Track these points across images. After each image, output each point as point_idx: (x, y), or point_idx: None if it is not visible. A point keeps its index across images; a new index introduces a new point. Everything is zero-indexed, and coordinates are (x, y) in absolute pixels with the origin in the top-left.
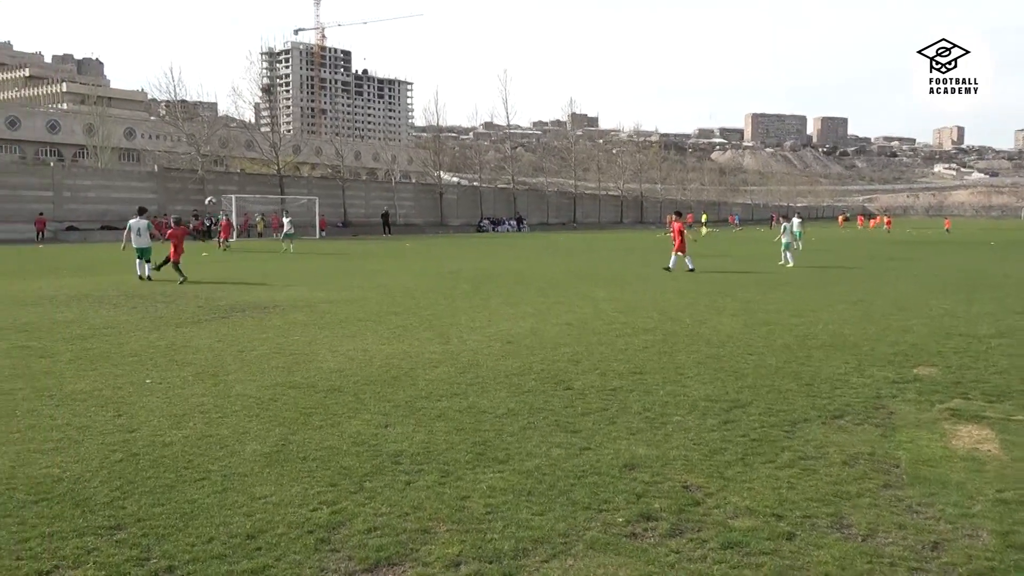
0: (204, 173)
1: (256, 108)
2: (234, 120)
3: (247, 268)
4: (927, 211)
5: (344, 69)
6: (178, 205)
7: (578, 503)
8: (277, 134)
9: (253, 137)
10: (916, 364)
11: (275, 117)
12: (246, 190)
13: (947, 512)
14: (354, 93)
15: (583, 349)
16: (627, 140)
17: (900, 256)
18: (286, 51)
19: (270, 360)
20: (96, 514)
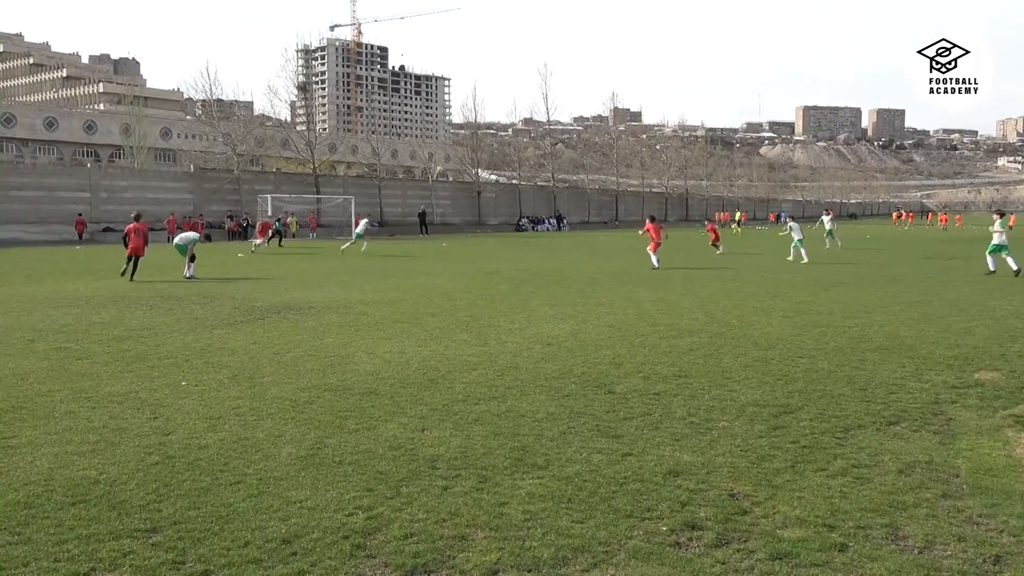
0: (240, 173)
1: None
2: (270, 119)
3: (282, 269)
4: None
5: (380, 66)
6: (214, 205)
7: (620, 511)
8: (313, 132)
9: (289, 136)
10: (977, 368)
11: (311, 115)
12: (282, 190)
13: (1010, 524)
14: (391, 90)
15: (625, 352)
16: (672, 135)
17: (960, 255)
18: (322, 48)
19: (305, 362)
20: (132, 517)
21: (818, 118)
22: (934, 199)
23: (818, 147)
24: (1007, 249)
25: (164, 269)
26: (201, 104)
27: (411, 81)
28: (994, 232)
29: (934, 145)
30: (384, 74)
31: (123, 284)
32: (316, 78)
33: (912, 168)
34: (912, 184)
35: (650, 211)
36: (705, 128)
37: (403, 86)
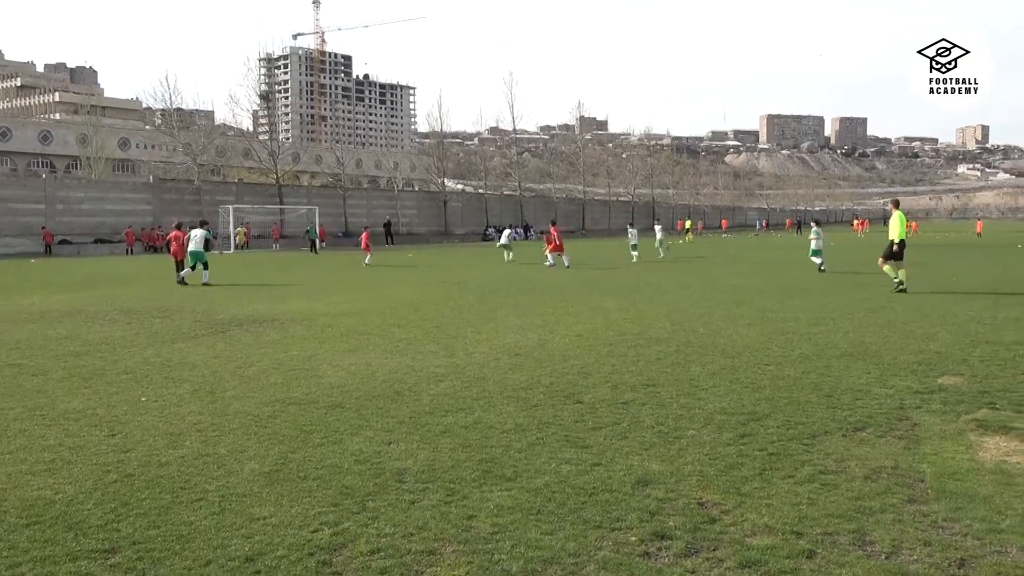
0: (201, 183)
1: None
2: (231, 128)
3: (246, 280)
4: (951, 213)
5: (345, 74)
6: (174, 217)
7: (589, 522)
8: (276, 142)
9: (251, 145)
10: (941, 373)
11: (273, 125)
12: (244, 200)
13: (974, 528)
14: (355, 99)
15: (593, 361)
16: (638, 144)
17: (924, 261)
18: (285, 57)
19: (269, 376)
20: (90, 537)
21: (782, 126)
22: None
23: (782, 155)
24: (819, 253)
25: (122, 281)
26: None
27: (375, 90)
28: (811, 239)
29: (896, 153)
30: (348, 83)
31: (80, 298)
32: (279, 87)
33: (875, 175)
34: (875, 191)
35: (619, 219)
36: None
37: (367, 95)
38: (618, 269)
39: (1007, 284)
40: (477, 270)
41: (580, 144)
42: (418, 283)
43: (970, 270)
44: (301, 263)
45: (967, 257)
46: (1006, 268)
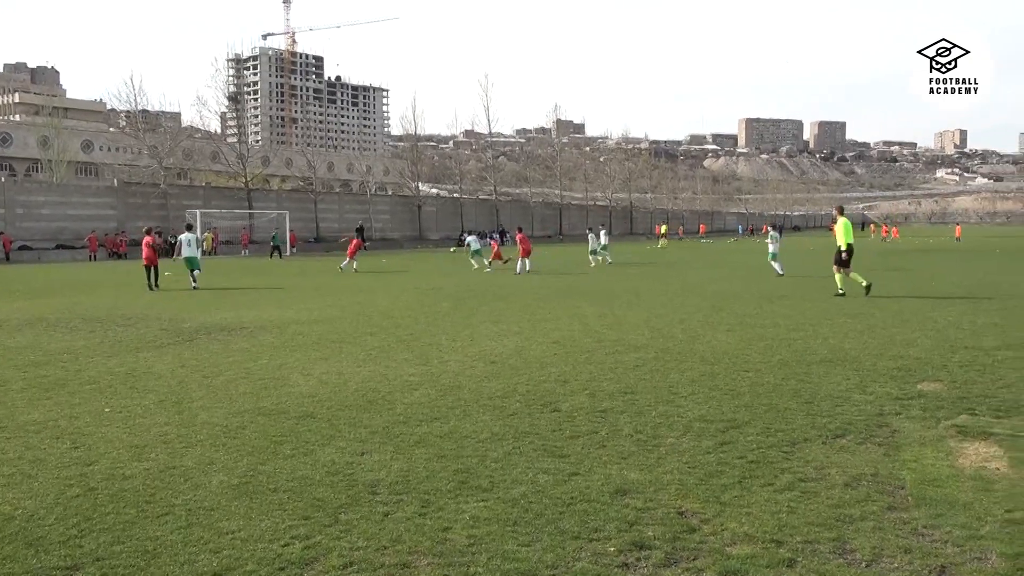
0: (167, 187)
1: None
2: (199, 131)
3: (213, 288)
4: (930, 218)
5: (316, 76)
6: (139, 222)
7: (567, 532)
8: (245, 145)
9: (219, 148)
10: (920, 379)
11: (242, 127)
12: (211, 204)
13: (954, 534)
14: (327, 101)
15: (571, 368)
16: (615, 148)
17: (904, 266)
18: (254, 57)
19: (237, 385)
20: (51, 554)
21: (760, 131)
22: (875, 211)
23: (761, 159)
24: (777, 257)
25: (85, 288)
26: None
27: (348, 92)
28: (768, 243)
29: (875, 157)
30: (320, 84)
31: (40, 306)
32: (248, 88)
33: (854, 180)
34: (854, 196)
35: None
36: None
37: (339, 97)
38: (594, 275)
39: (986, 289)
40: (452, 276)
41: (557, 148)
42: (391, 289)
43: (949, 275)
44: (271, 269)
45: (946, 262)
46: (985, 273)
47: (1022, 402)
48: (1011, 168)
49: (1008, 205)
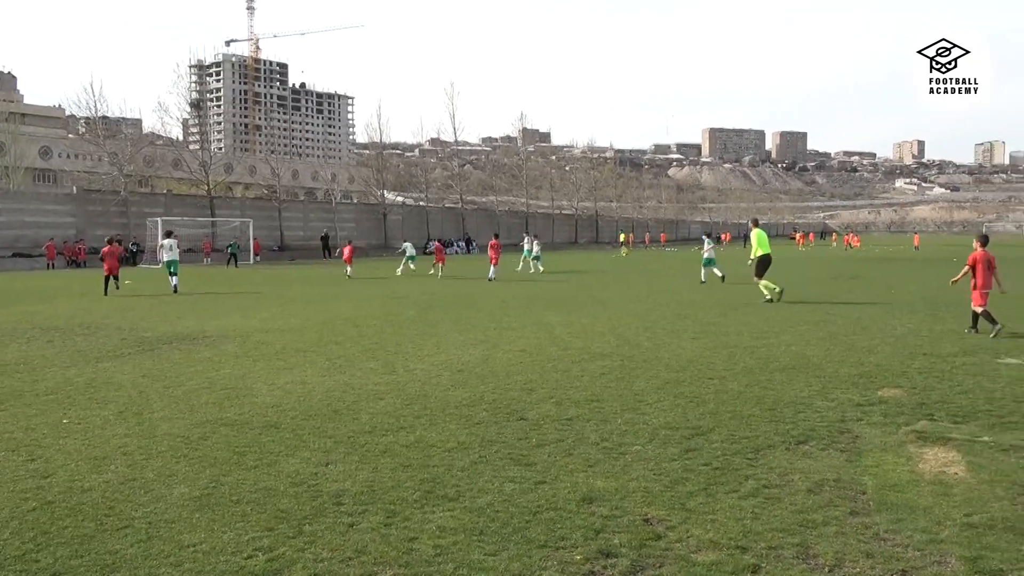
0: (127, 195)
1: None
2: (160, 138)
3: (174, 297)
4: (889, 227)
5: (280, 83)
6: (99, 230)
7: (533, 541)
8: (207, 152)
9: (181, 155)
10: (881, 386)
11: (205, 134)
12: (173, 212)
13: (915, 539)
14: (291, 108)
15: (537, 377)
16: (581, 156)
17: (864, 274)
18: (217, 64)
19: (199, 396)
20: (6, 569)
21: (724, 140)
22: (836, 220)
23: (725, 169)
24: (715, 262)
25: (43, 296)
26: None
27: (312, 99)
28: (704, 250)
29: (835, 167)
30: (284, 92)
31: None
32: (211, 95)
33: (815, 189)
34: (815, 205)
35: (562, 232)
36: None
37: (304, 104)
38: (561, 283)
39: (944, 297)
40: (417, 284)
41: (523, 156)
42: (357, 298)
43: (908, 283)
44: (234, 278)
45: (905, 270)
46: (943, 281)
47: (979, 408)
48: (967, 178)
49: (964, 214)
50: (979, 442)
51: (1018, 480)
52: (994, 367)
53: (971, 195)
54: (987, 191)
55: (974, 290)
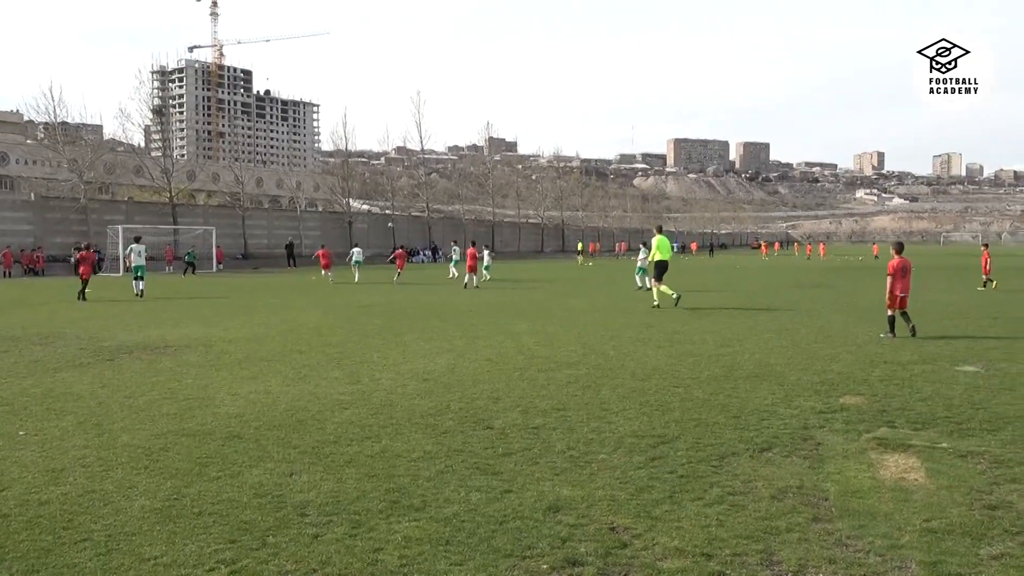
0: (88, 202)
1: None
2: (121, 144)
3: (135, 305)
4: (850, 237)
5: (244, 90)
6: (58, 237)
7: (500, 550)
8: (169, 159)
9: (143, 162)
10: (842, 393)
11: (167, 141)
12: (135, 220)
13: (876, 544)
14: (255, 115)
15: (503, 386)
16: (547, 166)
17: (825, 283)
18: (180, 70)
19: (161, 406)
20: None
21: (688, 150)
22: (799, 229)
23: (689, 179)
24: (643, 271)
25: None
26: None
27: (277, 106)
28: (639, 259)
29: (797, 177)
30: (248, 98)
31: None
32: (173, 101)
33: (778, 199)
34: (778, 215)
35: (528, 242)
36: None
37: (269, 111)
38: (530, 291)
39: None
40: (383, 293)
41: (489, 165)
42: (321, 307)
43: (868, 291)
44: (196, 286)
45: (866, 279)
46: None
47: (938, 414)
48: (925, 189)
49: (923, 224)
50: (938, 448)
51: (976, 486)
52: (952, 374)
53: (929, 205)
54: (945, 202)
55: (892, 294)
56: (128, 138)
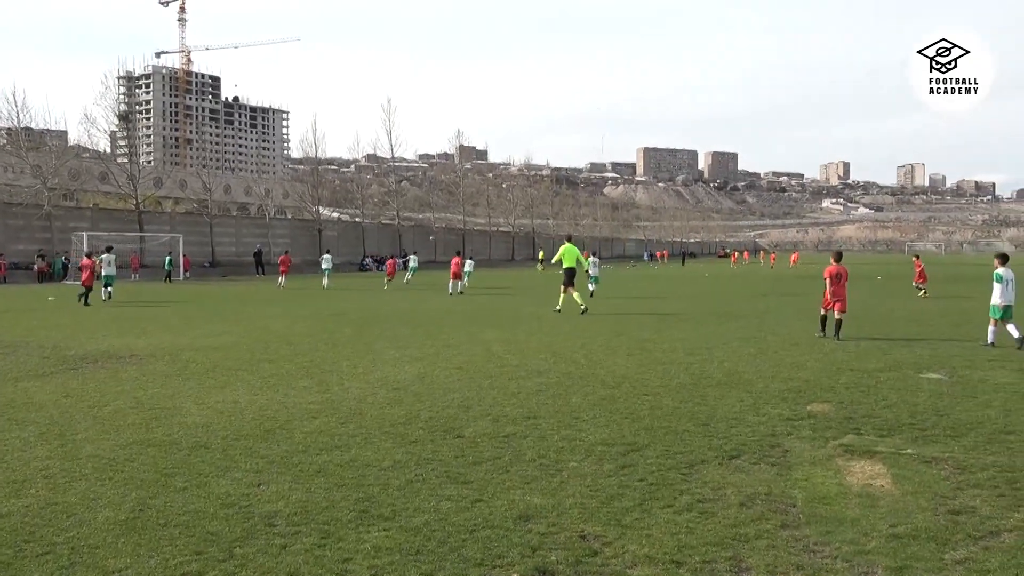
0: (51, 209)
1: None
2: (87, 150)
3: (100, 314)
4: (816, 246)
5: (212, 96)
6: (20, 244)
7: (470, 560)
8: (136, 165)
9: (108, 169)
10: (809, 400)
11: (134, 147)
12: (100, 227)
13: (843, 550)
14: (223, 122)
15: (474, 394)
16: (518, 174)
17: (794, 291)
18: (147, 75)
19: (126, 416)
20: None
21: (658, 160)
22: (766, 238)
23: (659, 188)
24: (597, 280)
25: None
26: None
27: (246, 113)
28: (588, 268)
29: (765, 187)
30: (216, 105)
31: None
32: (140, 107)
33: (745, 208)
34: (746, 224)
35: (499, 250)
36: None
37: (237, 118)
38: (500, 298)
39: (868, 313)
40: (353, 301)
41: (460, 173)
42: (291, 315)
43: None
44: (163, 294)
45: None
46: (867, 297)
47: (903, 421)
48: (890, 199)
49: (888, 234)
50: (903, 455)
51: (940, 491)
52: (916, 381)
53: (894, 215)
54: (909, 211)
55: (825, 297)
56: (94, 144)
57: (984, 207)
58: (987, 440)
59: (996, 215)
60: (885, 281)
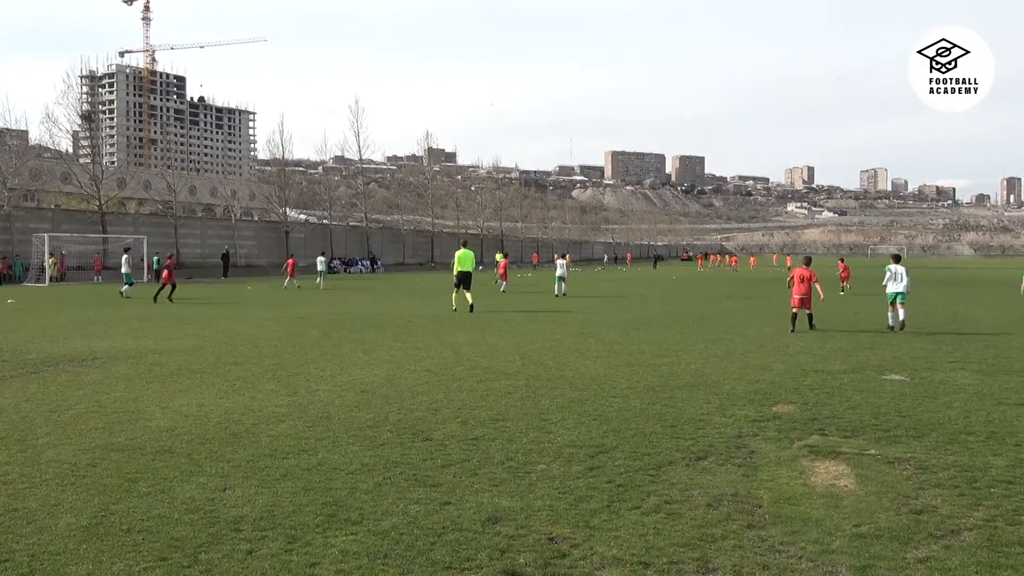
0: (12, 209)
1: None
2: (48, 150)
3: (61, 316)
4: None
5: (178, 96)
6: None
7: (438, 563)
8: (99, 166)
9: (70, 169)
10: (775, 402)
11: (97, 147)
12: (61, 228)
13: (808, 550)
14: (189, 122)
15: (442, 397)
16: (486, 176)
17: (759, 295)
18: (110, 75)
19: (88, 420)
20: None
21: (626, 163)
22: (732, 241)
23: (627, 191)
24: (564, 280)
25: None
26: None
27: (212, 113)
28: (557, 269)
29: (731, 191)
30: (181, 105)
31: None
32: (103, 107)
33: (712, 212)
34: (712, 227)
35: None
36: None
37: (203, 118)
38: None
39: (832, 316)
40: (321, 304)
41: (428, 175)
42: (257, 318)
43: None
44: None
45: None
46: (830, 302)
47: (866, 422)
48: (853, 203)
49: (851, 237)
50: (867, 455)
51: (902, 491)
52: (879, 383)
53: (857, 219)
54: (872, 215)
55: (793, 297)
56: (55, 144)
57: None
58: (948, 440)
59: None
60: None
